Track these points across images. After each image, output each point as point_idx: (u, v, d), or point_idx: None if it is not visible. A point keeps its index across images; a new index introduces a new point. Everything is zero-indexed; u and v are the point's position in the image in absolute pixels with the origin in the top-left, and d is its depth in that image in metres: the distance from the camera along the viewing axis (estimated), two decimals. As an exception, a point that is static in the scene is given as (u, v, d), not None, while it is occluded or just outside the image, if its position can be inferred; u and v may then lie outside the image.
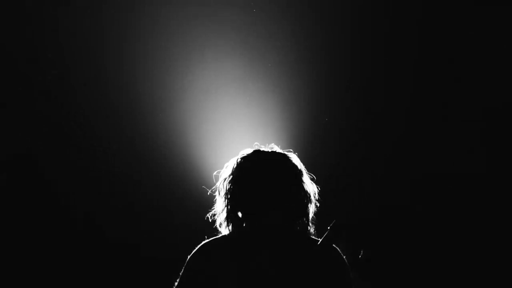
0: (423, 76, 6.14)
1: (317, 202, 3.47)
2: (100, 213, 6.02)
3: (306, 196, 3.42)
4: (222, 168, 3.51)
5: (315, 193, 3.46)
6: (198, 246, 3.43)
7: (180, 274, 3.39)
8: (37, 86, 6.06)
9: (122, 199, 6.06)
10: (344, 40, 6.13)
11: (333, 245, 3.30)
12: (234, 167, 3.46)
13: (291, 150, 3.55)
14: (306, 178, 3.46)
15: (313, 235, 3.47)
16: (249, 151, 3.51)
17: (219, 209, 3.46)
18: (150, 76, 6.10)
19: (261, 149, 3.51)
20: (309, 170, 3.51)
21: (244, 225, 3.41)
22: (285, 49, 6.15)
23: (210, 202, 3.54)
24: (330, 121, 6.03)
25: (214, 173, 3.55)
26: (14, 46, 6.04)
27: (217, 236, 3.47)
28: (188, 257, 3.42)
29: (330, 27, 6.13)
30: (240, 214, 3.42)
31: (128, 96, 6.08)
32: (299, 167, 3.46)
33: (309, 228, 3.44)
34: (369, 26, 6.12)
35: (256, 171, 3.41)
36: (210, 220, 3.51)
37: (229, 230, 3.43)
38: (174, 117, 6.07)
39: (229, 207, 3.42)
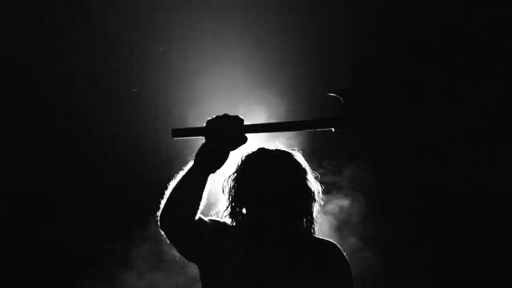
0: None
1: (321, 200, 3.42)
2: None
3: (310, 195, 3.36)
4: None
5: (319, 191, 3.41)
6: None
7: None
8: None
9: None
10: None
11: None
12: (239, 164, 3.40)
13: (295, 148, 3.50)
14: (310, 176, 3.41)
15: (316, 233, 3.43)
16: (253, 148, 3.44)
17: (223, 207, 3.40)
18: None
19: (266, 147, 3.46)
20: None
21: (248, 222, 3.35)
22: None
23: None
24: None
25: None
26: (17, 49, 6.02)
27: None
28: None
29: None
30: (244, 211, 3.36)
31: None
32: (303, 165, 3.41)
33: (313, 226, 3.39)
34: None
35: (260, 168, 3.34)
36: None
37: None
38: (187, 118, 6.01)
39: (233, 204, 3.36)
